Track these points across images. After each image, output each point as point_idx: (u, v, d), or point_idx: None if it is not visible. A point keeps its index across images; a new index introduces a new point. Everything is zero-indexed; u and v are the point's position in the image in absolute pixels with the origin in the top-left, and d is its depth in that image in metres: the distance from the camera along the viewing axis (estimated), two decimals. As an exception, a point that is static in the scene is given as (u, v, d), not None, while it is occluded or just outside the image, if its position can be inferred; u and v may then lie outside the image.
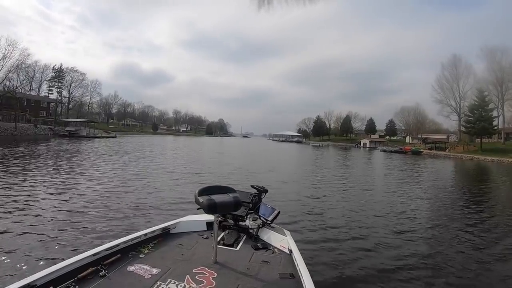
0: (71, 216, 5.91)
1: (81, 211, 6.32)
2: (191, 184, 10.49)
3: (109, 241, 2.84)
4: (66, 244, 4.48)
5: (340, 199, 9.85)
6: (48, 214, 5.91)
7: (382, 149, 67.71)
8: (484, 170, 28.24)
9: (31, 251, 4.14)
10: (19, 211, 6.07)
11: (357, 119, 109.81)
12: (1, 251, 4.06)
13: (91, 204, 6.91)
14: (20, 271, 3.53)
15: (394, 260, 4.91)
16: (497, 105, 59.08)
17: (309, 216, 7.30)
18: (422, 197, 11.28)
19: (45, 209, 6.21)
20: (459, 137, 67.82)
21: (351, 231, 6.33)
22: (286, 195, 9.60)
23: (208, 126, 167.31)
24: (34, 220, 5.54)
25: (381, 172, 21.16)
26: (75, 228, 5.21)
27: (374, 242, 5.74)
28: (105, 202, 7.16)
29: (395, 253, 5.20)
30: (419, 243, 5.84)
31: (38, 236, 4.74)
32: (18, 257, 3.95)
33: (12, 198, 7.05)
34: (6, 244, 4.32)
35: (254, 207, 3.74)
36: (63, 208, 6.43)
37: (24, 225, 5.21)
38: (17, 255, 4.00)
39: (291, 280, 2.57)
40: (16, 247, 4.24)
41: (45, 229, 5.07)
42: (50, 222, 5.46)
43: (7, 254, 3.99)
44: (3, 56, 47.10)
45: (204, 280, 2.42)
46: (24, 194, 7.53)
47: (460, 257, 5.17)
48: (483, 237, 6.35)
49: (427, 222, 7.42)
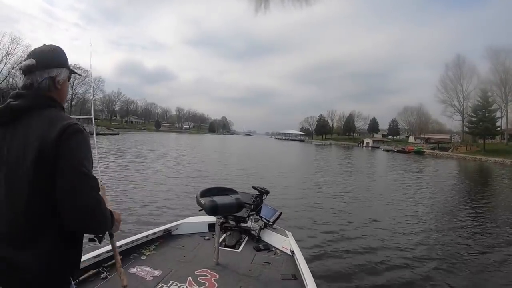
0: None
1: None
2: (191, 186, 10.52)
3: None
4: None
5: (342, 200, 9.85)
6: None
7: (385, 148, 67.58)
8: (487, 171, 28.11)
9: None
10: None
11: (360, 118, 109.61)
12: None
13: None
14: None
15: (397, 261, 4.91)
16: (501, 106, 58.77)
17: (311, 217, 7.29)
18: (425, 198, 11.26)
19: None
20: (462, 137, 67.52)
21: (353, 232, 6.33)
22: (288, 196, 9.61)
23: (211, 124, 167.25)
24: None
25: (384, 172, 21.14)
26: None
27: (377, 243, 5.73)
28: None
29: (398, 254, 5.19)
30: (422, 244, 5.82)
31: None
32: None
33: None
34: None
35: (255, 208, 3.73)
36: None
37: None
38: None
39: (293, 281, 2.57)
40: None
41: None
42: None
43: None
44: (6, 53, 47.16)
45: (206, 282, 2.43)
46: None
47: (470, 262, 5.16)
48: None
49: (430, 224, 7.40)
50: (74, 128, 1.14)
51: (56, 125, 1.12)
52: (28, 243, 1.11)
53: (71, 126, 1.14)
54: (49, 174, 1.09)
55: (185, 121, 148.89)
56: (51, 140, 1.09)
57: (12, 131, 1.17)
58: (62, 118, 1.18)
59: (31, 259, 1.10)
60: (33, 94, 1.21)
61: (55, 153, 1.09)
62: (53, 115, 1.18)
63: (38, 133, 1.12)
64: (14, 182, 1.12)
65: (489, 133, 53.14)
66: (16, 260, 1.10)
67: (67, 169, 1.09)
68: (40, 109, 1.19)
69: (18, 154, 1.12)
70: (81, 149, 1.14)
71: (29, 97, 1.20)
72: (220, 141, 62.55)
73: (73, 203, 1.09)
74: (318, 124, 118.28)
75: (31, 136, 1.12)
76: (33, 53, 1.26)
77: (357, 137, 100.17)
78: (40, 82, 1.22)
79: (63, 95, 1.32)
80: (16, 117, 1.18)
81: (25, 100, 1.19)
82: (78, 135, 1.15)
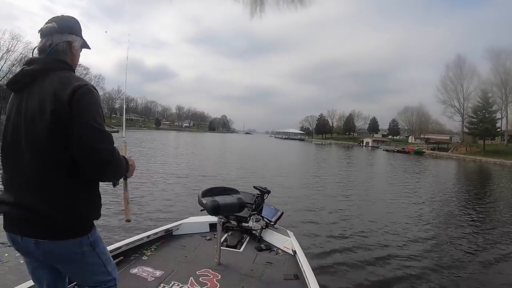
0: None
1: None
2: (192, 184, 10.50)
3: (112, 243, 2.82)
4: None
5: (344, 199, 9.84)
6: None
7: (385, 148, 67.63)
8: (487, 172, 28.13)
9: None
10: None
11: (360, 118, 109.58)
12: (2, 251, 4.02)
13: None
14: (22, 273, 3.49)
15: (400, 261, 4.89)
16: (501, 107, 58.68)
17: (313, 216, 7.27)
18: (425, 198, 11.23)
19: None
20: (462, 138, 67.51)
21: (356, 231, 6.31)
22: (289, 196, 9.58)
23: (211, 122, 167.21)
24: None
25: (384, 172, 21.14)
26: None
27: (378, 242, 5.72)
28: (106, 203, 6.96)
29: (400, 254, 5.17)
30: (424, 244, 5.81)
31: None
32: (20, 259, 3.90)
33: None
34: (8, 244, 4.25)
35: (257, 208, 3.71)
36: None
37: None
38: (19, 257, 3.94)
39: (296, 281, 2.56)
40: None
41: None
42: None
43: (8, 254, 3.94)
44: (7, 50, 46.93)
45: (208, 282, 2.41)
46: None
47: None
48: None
49: (431, 225, 7.38)
50: (84, 88, 1.26)
51: (69, 86, 1.24)
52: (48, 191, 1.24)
53: (82, 87, 1.26)
54: (63, 130, 1.21)
55: (185, 119, 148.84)
56: (64, 100, 1.21)
57: (27, 95, 1.28)
58: (74, 79, 1.30)
59: (53, 205, 1.23)
60: (46, 58, 1.32)
61: (69, 111, 1.21)
62: (65, 76, 1.29)
63: (51, 94, 1.23)
64: (33, 139, 1.24)
65: (489, 134, 53.13)
66: (40, 207, 1.23)
67: (81, 125, 1.21)
68: (53, 71, 1.30)
69: (34, 114, 1.24)
70: (92, 107, 1.26)
71: (43, 61, 1.31)
72: (220, 139, 62.51)
73: (89, 156, 1.22)
74: (318, 124, 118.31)
75: (46, 96, 1.23)
76: (53, 18, 1.38)
77: (357, 137, 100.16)
78: (58, 44, 1.34)
79: (75, 61, 1.43)
80: (31, 80, 1.29)
81: (39, 64, 1.30)
82: (89, 94, 1.27)
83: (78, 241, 1.31)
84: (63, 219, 1.25)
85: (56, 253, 1.29)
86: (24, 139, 1.26)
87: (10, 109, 1.33)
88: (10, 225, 1.30)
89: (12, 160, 1.30)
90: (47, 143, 1.22)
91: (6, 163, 1.33)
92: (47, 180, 1.24)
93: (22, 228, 1.27)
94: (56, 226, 1.25)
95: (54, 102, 1.21)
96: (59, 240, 1.27)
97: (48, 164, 1.23)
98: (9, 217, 1.29)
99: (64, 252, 1.29)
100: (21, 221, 1.26)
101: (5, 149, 1.33)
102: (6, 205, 1.28)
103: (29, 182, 1.25)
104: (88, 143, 1.21)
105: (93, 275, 1.42)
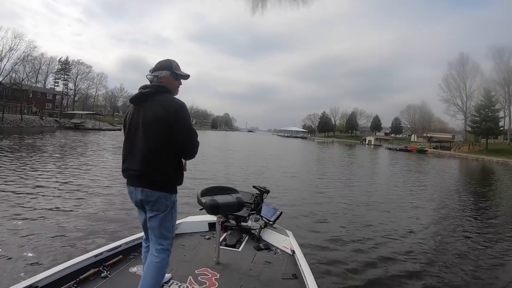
0: (72, 216, 5.77)
1: (82, 211, 6.23)
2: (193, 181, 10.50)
3: (111, 242, 2.85)
4: (68, 245, 4.40)
5: (344, 199, 9.82)
6: (49, 214, 5.77)
7: (387, 147, 67.44)
8: (490, 171, 28.01)
9: (33, 252, 4.08)
10: (22, 210, 6.03)
11: (362, 116, 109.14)
12: (3, 252, 4.04)
13: (92, 204, 6.80)
14: (22, 272, 3.51)
15: (399, 261, 4.90)
16: (504, 106, 58.35)
17: (312, 216, 7.27)
18: (427, 197, 11.23)
19: (46, 209, 6.04)
20: (465, 136, 67.19)
21: (355, 231, 6.32)
22: (289, 195, 9.60)
23: (213, 120, 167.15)
24: (36, 220, 5.40)
25: (387, 171, 21.13)
26: (77, 229, 5.09)
27: (379, 242, 5.73)
28: (107, 203, 6.98)
29: (400, 254, 5.17)
30: (425, 244, 5.79)
31: (39, 236, 4.64)
32: (20, 258, 3.90)
33: (15, 196, 6.97)
34: (8, 245, 4.23)
35: (256, 207, 3.73)
36: (64, 208, 6.27)
37: (26, 226, 5.07)
38: (19, 256, 3.94)
39: (294, 280, 2.58)
40: (18, 248, 4.17)
41: (47, 230, 4.95)
42: (51, 223, 5.32)
43: (9, 255, 3.93)
44: (9, 48, 47.10)
45: (206, 281, 2.44)
46: (27, 192, 7.47)
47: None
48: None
49: (432, 225, 7.36)
50: (183, 106, 2.06)
51: (174, 103, 2.04)
52: (157, 168, 1.99)
53: (182, 106, 2.05)
54: (170, 131, 1.98)
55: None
56: (172, 112, 1.99)
57: (143, 107, 2.06)
58: (175, 99, 2.09)
59: (159, 175, 2.00)
60: (154, 85, 2.12)
61: (174, 120, 1.99)
62: (169, 97, 2.09)
63: (162, 108, 2.00)
64: (149, 136, 2.00)
65: (492, 132, 52.79)
66: (151, 171, 1.99)
67: (183, 128, 2.02)
68: (159, 93, 2.08)
69: (149, 120, 2.01)
70: (187, 117, 2.08)
71: (152, 87, 2.10)
72: (222, 137, 62.47)
73: (188, 147, 2.07)
74: (320, 122, 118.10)
75: (158, 109, 2.00)
76: (160, 61, 2.20)
77: (360, 135, 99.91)
78: (155, 77, 2.13)
79: (170, 86, 2.15)
80: (145, 99, 2.08)
81: (151, 88, 2.10)
82: (186, 110, 2.08)
83: (168, 195, 2.05)
84: (163, 179, 2.03)
85: (153, 199, 2.01)
86: (142, 135, 2.01)
87: (132, 115, 2.10)
88: (131, 181, 2.08)
89: (132, 144, 2.05)
90: (158, 138, 1.99)
91: (127, 145, 2.08)
92: (157, 160, 1.99)
93: (137, 182, 2.04)
94: (158, 184, 2.01)
95: (165, 112, 1.98)
96: (157, 191, 2.01)
97: (157, 147, 1.99)
98: (132, 177, 2.06)
99: (157, 200, 2.01)
100: (138, 178, 2.03)
101: (129, 137, 2.08)
102: (130, 171, 2.05)
103: (144, 157, 1.99)
104: (187, 139, 2.04)
105: (163, 228, 2.08)
